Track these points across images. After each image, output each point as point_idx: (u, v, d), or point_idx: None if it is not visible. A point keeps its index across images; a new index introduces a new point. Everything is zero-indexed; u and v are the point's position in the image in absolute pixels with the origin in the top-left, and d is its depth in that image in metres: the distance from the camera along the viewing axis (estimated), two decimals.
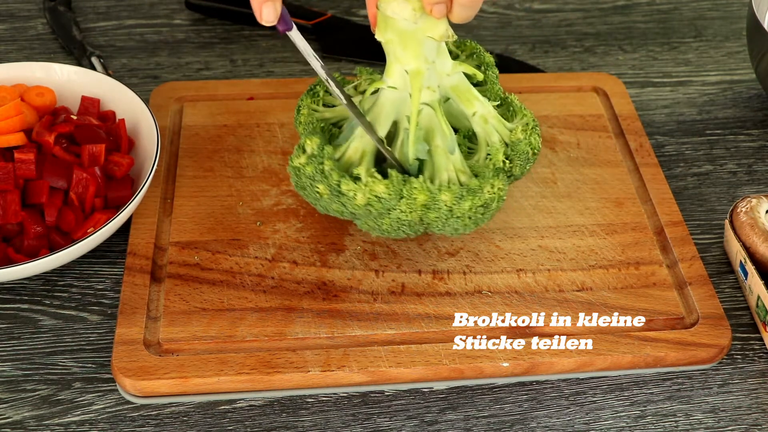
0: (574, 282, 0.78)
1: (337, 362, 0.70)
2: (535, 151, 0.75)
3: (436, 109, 0.73)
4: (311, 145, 0.72)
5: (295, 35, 0.70)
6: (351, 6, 1.12)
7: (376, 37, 0.72)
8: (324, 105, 0.79)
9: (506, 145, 0.75)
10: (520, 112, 0.77)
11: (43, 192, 0.76)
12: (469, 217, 0.71)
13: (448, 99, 0.75)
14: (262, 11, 0.67)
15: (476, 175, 0.73)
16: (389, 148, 0.74)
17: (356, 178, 0.71)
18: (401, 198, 0.71)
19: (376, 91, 0.75)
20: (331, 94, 0.79)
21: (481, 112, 0.75)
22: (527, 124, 0.76)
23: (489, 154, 0.74)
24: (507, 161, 0.74)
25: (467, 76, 0.76)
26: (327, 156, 0.71)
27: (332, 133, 0.77)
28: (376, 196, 0.70)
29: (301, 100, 0.79)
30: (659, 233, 0.82)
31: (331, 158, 0.71)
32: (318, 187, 0.71)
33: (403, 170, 0.74)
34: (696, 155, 0.94)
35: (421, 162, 0.74)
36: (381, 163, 0.75)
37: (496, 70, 0.80)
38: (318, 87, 0.79)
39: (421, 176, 0.72)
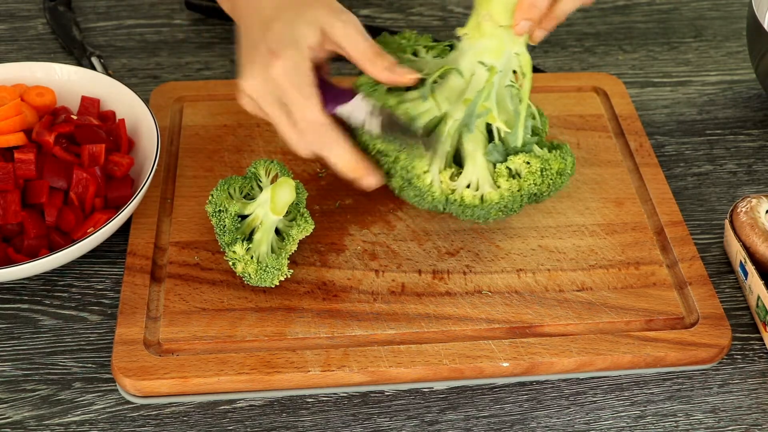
0: (574, 282, 0.78)
1: (337, 362, 0.70)
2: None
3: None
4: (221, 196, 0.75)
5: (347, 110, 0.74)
6: (351, 6, 1.12)
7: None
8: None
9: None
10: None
11: (43, 192, 0.76)
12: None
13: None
14: (365, 183, 0.76)
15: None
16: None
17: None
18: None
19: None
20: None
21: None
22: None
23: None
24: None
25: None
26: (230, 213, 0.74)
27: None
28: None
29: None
30: (659, 233, 0.82)
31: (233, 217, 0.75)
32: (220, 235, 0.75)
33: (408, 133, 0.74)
34: (696, 155, 0.94)
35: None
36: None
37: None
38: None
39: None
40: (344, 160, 0.74)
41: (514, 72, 0.76)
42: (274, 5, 0.74)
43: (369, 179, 0.76)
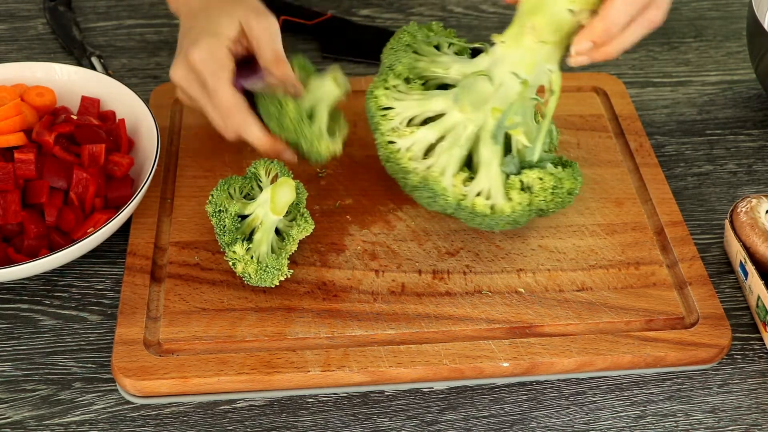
0: (574, 282, 0.78)
1: (337, 362, 0.70)
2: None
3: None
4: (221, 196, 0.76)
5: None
6: (351, 6, 1.12)
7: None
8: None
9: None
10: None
11: (43, 192, 0.76)
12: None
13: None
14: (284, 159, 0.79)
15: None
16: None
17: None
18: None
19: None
20: None
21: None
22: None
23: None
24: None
25: None
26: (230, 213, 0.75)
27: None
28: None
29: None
30: (659, 233, 0.82)
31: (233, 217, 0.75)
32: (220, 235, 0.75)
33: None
34: (696, 155, 0.94)
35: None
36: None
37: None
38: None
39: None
40: (258, 140, 0.78)
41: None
42: (202, 3, 0.81)
43: (286, 155, 0.79)
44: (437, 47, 0.80)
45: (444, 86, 0.78)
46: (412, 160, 0.76)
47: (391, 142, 0.76)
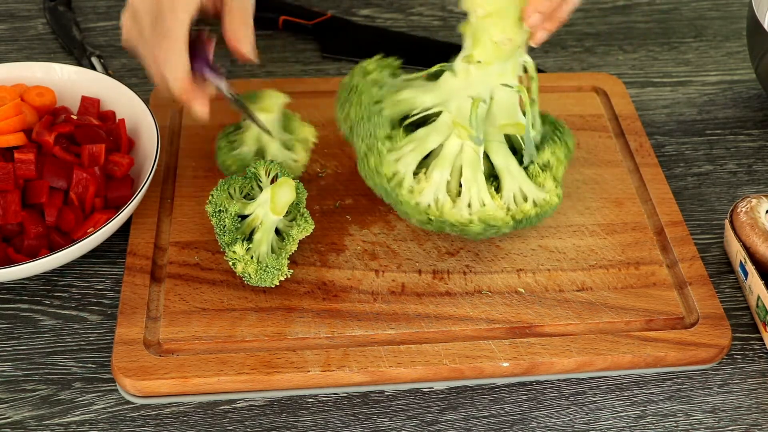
0: (574, 282, 0.78)
1: (337, 362, 0.70)
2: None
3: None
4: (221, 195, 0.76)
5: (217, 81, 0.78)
6: (351, 6, 1.12)
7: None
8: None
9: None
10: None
11: (43, 192, 0.76)
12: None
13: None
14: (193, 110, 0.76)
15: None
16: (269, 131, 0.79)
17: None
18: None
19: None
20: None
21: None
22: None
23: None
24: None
25: None
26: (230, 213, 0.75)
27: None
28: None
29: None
30: (659, 233, 0.82)
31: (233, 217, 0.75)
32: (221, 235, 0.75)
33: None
34: (696, 155, 0.94)
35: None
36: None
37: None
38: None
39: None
40: (176, 82, 0.75)
41: (525, 71, 0.75)
42: None
43: (196, 106, 0.76)
44: (395, 75, 0.79)
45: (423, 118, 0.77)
46: (455, 209, 0.74)
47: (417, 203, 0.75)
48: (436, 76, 0.77)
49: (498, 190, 0.76)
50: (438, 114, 0.75)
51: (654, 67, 1.05)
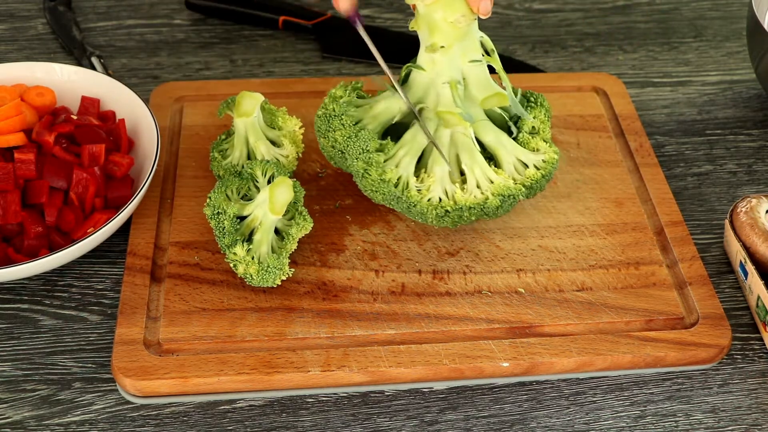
0: (574, 282, 0.78)
1: (337, 362, 0.70)
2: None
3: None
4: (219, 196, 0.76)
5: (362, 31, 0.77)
6: None
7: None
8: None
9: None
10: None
11: (43, 192, 0.76)
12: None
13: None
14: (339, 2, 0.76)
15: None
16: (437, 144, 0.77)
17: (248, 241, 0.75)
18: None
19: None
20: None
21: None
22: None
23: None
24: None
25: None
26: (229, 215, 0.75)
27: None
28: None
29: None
30: (659, 233, 0.82)
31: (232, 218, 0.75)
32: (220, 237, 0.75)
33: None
34: (696, 155, 0.94)
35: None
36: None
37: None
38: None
39: None
40: None
41: (486, 53, 0.78)
42: None
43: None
44: (361, 97, 0.81)
45: (400, 121, 0.79)
46: (467, 193, 0.76)
47: (426, 200, 0.76)
48: (405, 81, 0.80)
49: (498, 165, 0.78)
50: (419, 113, 0.78)
51: (654, 67, 1.05)
